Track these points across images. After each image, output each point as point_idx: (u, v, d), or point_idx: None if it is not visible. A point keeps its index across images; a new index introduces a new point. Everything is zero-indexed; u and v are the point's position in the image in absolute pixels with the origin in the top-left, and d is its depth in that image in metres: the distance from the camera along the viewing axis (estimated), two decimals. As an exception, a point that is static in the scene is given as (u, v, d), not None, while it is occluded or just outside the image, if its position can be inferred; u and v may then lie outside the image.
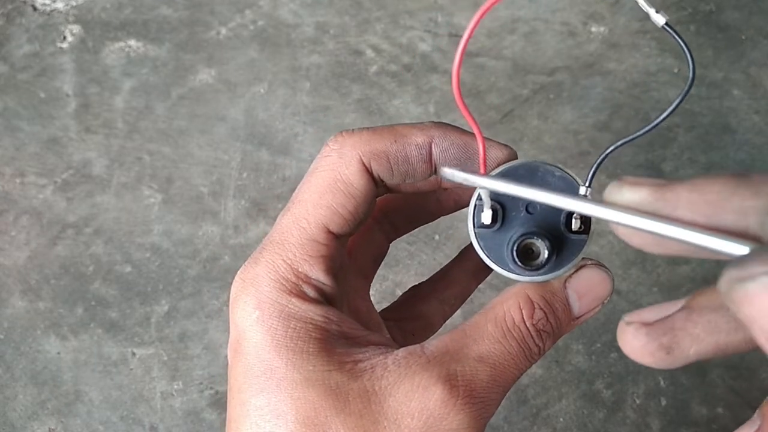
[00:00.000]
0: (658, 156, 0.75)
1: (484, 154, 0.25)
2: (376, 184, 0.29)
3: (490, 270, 0.36)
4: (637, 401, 0.64)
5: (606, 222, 0.23)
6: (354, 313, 0.30)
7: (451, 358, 0.26)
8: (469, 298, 0.37)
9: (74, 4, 0.86)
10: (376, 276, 0.36)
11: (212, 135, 0.78)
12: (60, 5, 0.86)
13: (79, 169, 0.76)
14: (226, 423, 0.27)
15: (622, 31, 0.83)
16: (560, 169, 0.27)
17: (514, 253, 0.26)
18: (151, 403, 0.65)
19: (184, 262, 0.71)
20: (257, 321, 0.26)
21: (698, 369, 0.65)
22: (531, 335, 0.27)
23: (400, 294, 0.38)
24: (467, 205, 0.29)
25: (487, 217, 0.26)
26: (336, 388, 0.25)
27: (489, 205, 0.26)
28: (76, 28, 0.85)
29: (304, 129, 0.78)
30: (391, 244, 0.36)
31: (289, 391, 0.24)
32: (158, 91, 0.80)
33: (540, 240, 0.26)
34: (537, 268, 0.26)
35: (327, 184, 0.28)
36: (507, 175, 0.27)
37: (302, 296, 0.26)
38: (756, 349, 0.23)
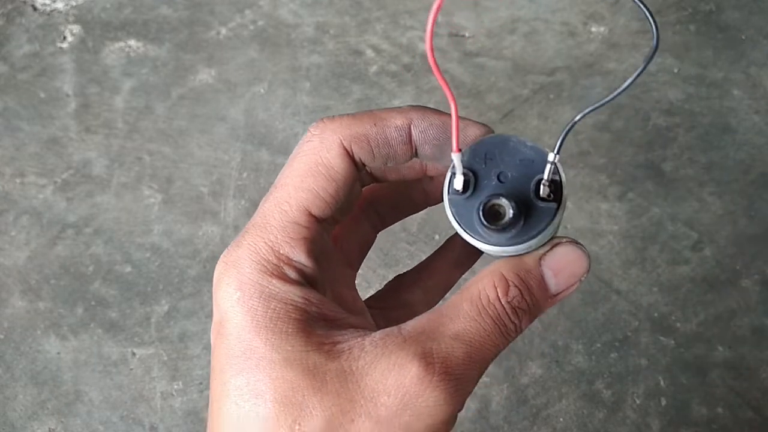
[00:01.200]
0: (658, 156, 0.75)
1: (457, 120, 0.26)
2: (357, 167, 0.29)
3: (474, 260, 0.37)
4: (637, 401, 0.64)
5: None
6: (338, 300, 0.30)
7: (427, 337, 0.26)
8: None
9: (74, 4, 0.86)
10: (376, 276, 0.36)
11: (212, 135, 0.78)
12: (60, 5, 0.86)
13: (79, 169, 0.76)
14: (209, 404, 0.28)
15: (622, 31, 0.83)
16: (531, 142, 0.28)
17: (481, 214, 0.26)
18: (151, 403, 0.65)
19: (184, 262, 0.71)
20: (238, 302, 0.26)
21: (698, 369, 0.65)
22: (506, 313, 0.27)
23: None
24: None
25: (458, 183, 0.27)
26: (314, 368, 0.25)
27: (461, 172, 0.27)
28: (76, 28, 0.85)
29: (304, 129, 0.78)
30: (391, 244, 0.36)
31: (267, 371, 0.25)
32: (158, 91, 0.80)
33: (505, 200, 0.26)
34: (503, 228, 0.26)
35: (308, 167, 0.28)
36: (480, 147, 0.28)
37: (283, 277, 0.27)
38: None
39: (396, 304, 0.35)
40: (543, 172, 0.27)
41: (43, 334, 0.68)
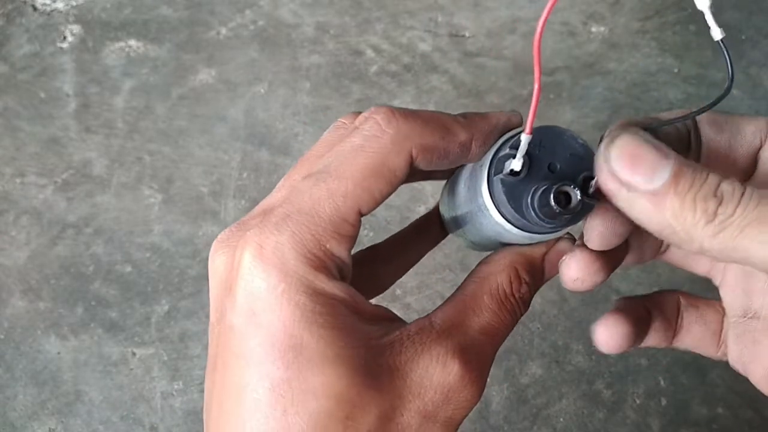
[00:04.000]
0: (658, 156, 0.75)
1: (537, 103, 0.26)
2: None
3: (441, 239, 0.37)
4: (637, 401, 0.64)
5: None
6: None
7: (457, 330, 0.28)
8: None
9: (74, 4, 0.86)
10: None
11: (212, 135, 0.78)
12: (60, 5, 0.86)
13: (79, 169, 0.76)
14: (222, 389, 0.27)
15: (622, 31, 0.83)
16: (582, 140, 0.30)
17: (552, 197, 0.27)
18: (152, 403, 0.65)
19: (184, 262, 0.71)
20: (282, 294, 0.25)
21: (698, 369, 0.65)
22: (519, 305, 0.30)
23: (400, 294, 0.38)
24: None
25: (518, 164, 0.28)
26: (365, 365, 0.26)
27: (523, 154, 0.28)
28: (76, 28, 0.85)
29: (304, 129, 0.78)
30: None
31: (321, 368, 0.25)
32: (158, 91, 0.80)
33: (575, 189, 0.27)
34: (560, 215, 0.27)
35: (374, 167, 0.27)
36: (537, 134, 0.29)
37: (327, 273, 0.26)
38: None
39: (367, 274, 0.36)
40: (589, 170, 0.28)
41: (43, 334, 0.68)
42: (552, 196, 0.27)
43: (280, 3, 0.86)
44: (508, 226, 0.29)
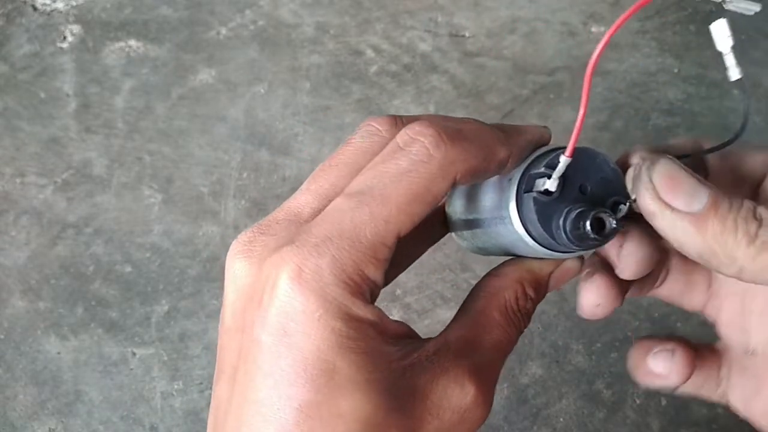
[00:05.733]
0: (658, 156, 0.75)
1: (580, 126, 0.27)
2: None
3: (442, 235, 0.38)
4: (637, 401, 0.64)
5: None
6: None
7: (471, 349, 0.28)
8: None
9: (74, 4, 0.86)
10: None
11: (212, 135, 0.78)
12: (60, 5, 0.86)
13: (79, 169, 0.76)
14: (243, 402, 0.27)
15: (622, 31, 0.83)
16: (614, 164, 0.30)
17: (588, 222, 0.28)
18: (151, 403, 0.65)
19: (184, 262, 0.71)
20: (319, 320, 0.25)
21: (698, 369, 0.65)
22: (523, 320, 0.30)
23: (400, 294, 0.38)
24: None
25: (553, 185, 0.28)
26: (391, 388, 0.26)
27: (560, 175, 0.28)
28: (76, 28, 0.85)
29: (304, 129, 0.78)
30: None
31: (351, 392, 0.25)
32: (158, 91, 0.80)
33: (611, 217, 0.28)
34: (594, 240, 0.28)
35: (419, 192, 0.27)
36: (576, 152, 0.29)
37: (362, 298, 0.26)
38: None
39: None
40: (618, 194, 0.29)
41: (43, 334, 0.68)
42: (589, 221, 0.28)
43: (280, 3, 0.86)
44: (531, 242, 0.29)
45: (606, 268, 0.31)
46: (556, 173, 0.28)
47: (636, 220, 0.29)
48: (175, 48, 0.83)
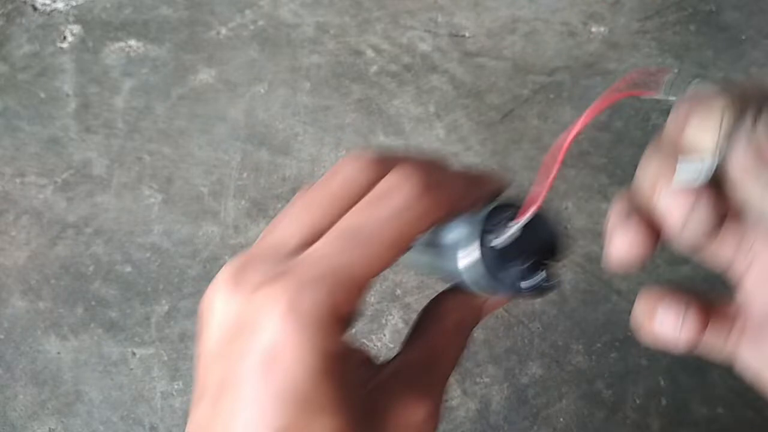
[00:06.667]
0: (658, 156, 0.75)
1: (541, 203, 0.30)
2: None
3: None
4: (637, 401, 0.64)
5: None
6: None
7: (422, 371, 0.31)
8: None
9: (74, 4, 0.86)
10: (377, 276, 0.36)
11: (212, 135, 0.78)
12: (60, 5, 0.86)
13: (79, 169, 0.76)
14: (229, 429, 0.27)
15: (622, 31, 0.83)
16: (560, 228, 0.34)
17: (540, 279, 0.31)
18: (152, 403, 0.65)
19: (184, 262, 0.71)
20: (305, 353, 0.27)
21: (698, 369, 0.65)
22: (464, 342, 0.33)
23: (400, 294, 0.39)
24: None
25: (503, 243, 0.31)
26: (358, 411, 0.28)
27: (520, 228, 0.31)
28: (76, 28, 0.85)
29: (304, 129, 0.78)
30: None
31: (324, 417, 0.27)
32: (158, 91, 0.80)
33: (555, 270, 0.32)
34: (537, 288, 0.31)
35: (403, 236, 0.29)
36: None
37: (344, 330, 0.28)
38: None
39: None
40: (553, 254, 0.33)
41: (43, 334, 0.68)
42: (545, 272, 0.31)
43: (280, 3, 0.86)
44: (473, 285, 0.32)
45: (638, 212, 0.31)
46: (508, 235, 0.31)
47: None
48: (175, 48, 0.83)
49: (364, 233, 0.28)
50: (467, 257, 0.31)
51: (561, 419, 0.63)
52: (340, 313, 0.27)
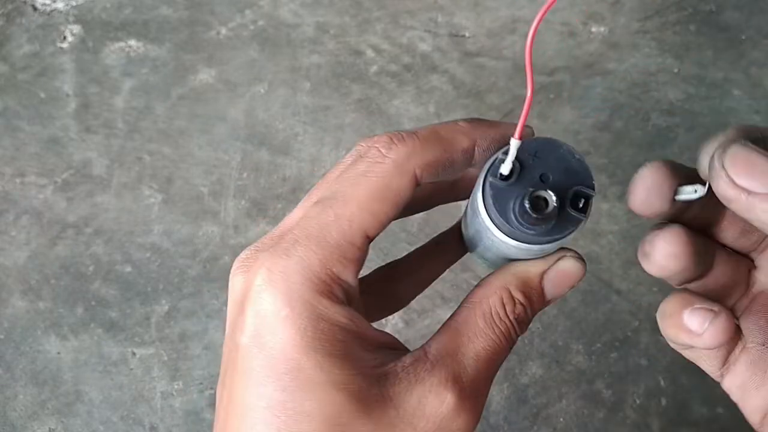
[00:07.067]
0: (658, 156, 0.75)
1: (528, 109, 0.27)
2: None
3: (461, 255, 0.37)
4: (637, 401, 0.64)
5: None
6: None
7: (451, 359, 0.28)
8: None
9: (74, 4, 0.86)
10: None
11: (212, 135, 0.78)
12: (60, 5, 0.86)
13: (79, 169, 0.76)
14: (228, 404, 0.28)
15: (622, 31, 0.83)
16: (579, 155, 0.30)
17: (526, 201, 0.27)
18: (151, 403, 0.65)
19: (184, 262, 0.71)
20: (286, 318, 0.26)
21: (698, 369, 0.65)
22: (514, 327, 0.30)
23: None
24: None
25: (506, 168, 0.28)
26: (359, 393, 0.26)
27: (513, 158, 0.28)
28: (76, 28, 0.85)
29: (304, 129, 0.78)
30: (391, 244, 0.37)
31: (315, 393, 0.26)
32: (158, 91, 0.80)
33: (551, 194, 0.28)
34: (538, 220, 0.28)
35: (378, 191, 0.28)
36: (532, 144, 0.29)
37: (331, 297, 0.27)
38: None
39: (385, 292, 0.37)
40: (582, 185, 0.29)
41: (43, 334, 0.68)
42: (527, 200, 0.27)
43: (280, 3, 0.86)
44: (498, 232, 0.29)
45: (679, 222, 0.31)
46: (509, 156, 0.28)
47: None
48: (175, 48, 0.83)
49: (338, 195, 0.28)
50: (477, 191, 0.29)
51: (561, 419, 0.63)
52: (321, 278, 0.27)
